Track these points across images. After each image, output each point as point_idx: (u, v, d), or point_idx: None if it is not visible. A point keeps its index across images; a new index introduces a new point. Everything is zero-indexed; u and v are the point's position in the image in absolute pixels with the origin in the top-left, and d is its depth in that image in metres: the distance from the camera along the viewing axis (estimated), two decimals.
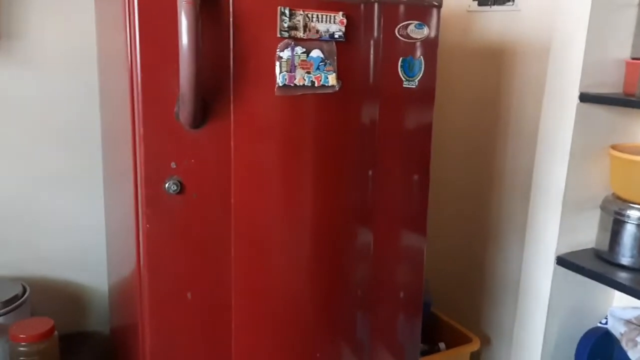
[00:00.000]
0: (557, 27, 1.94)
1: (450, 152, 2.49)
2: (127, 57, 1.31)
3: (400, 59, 1.52)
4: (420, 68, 1.54)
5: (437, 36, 1.56)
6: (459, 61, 2.43)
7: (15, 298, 1.82)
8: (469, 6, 2.39)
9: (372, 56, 1.51)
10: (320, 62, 1.40)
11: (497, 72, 2.29)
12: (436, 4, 1.54)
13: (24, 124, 1.95)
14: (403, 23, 1.50)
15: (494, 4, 2.29)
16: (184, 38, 1.22)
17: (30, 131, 1.96)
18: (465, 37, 2.42)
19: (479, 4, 2.35)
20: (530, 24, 2.15)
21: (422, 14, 1.52)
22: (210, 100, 1.34)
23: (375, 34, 1.49)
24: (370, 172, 1.58)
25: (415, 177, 1.64)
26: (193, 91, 1.26)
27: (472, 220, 2.43)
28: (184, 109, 1.29)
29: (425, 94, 1.59)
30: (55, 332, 1.74)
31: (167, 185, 1.34)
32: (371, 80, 1.52)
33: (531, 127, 2.12)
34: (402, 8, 1.50)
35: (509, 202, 2.28)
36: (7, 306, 1.78)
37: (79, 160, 2.04)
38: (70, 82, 1.97)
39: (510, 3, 2.22)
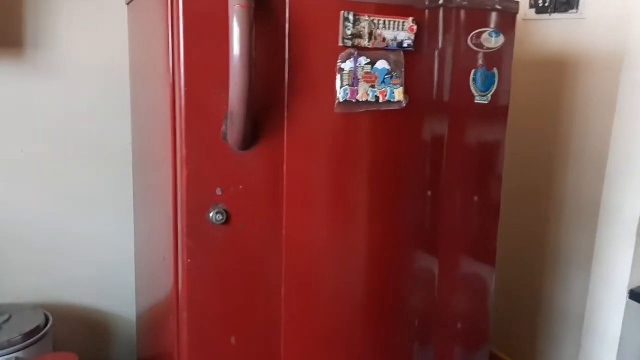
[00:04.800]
0: (632, 35, 1.76)
1: (504, 172, 2.31)
2: (169, 69, 1.17)
3: (472, 71, 1.35)
4: (494, 82, 1.37)
5: (512, 46, 1.39)
6: (514, 73, 2.25)
7: (37, 330, 1.69)
8: (525, 14, 2.21)
9: (438, 68, 1.34)
10: (386, 74, 1.23)
11: (557, 87, 2.11)
12: (512, 8, 1.37)
13: (50, 139, 1.84)
14: (476, 31, 1.33)
15: (554, 12, 2.11)
16: (236, 48, 1.07)
17: (56, 147, 1.85)
18: (520, 47, 2.23)
19: (537, 12, 2.17)
20: (598, 32, 1.96)
21: (497, 20, 1.36)
22: (261, 118, 1.18)
23: (445, 42, 1.32)
24: (429, 193, 1.41)
25: (485, 201, 1.48)
26: (244, 108, 1.11)
27: (531, 248, 2.24)
28: (233, 129, 1.14)
29: (498, 111, 1.42)
30: None
31: (211, 214, 1.19)
32: (438, 94, 1.35)
33: (598, 148, 1.93)
34: (474, 13, 1.34)
35: (572, 230, 2.08)
36: (29, 339, 1.66)
37: (107, 180, 1.92)
38: (99, 95, 1.86)
39: (574, 11, 2.04)
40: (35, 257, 1.87)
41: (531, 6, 2.18)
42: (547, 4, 2.13)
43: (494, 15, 1.36)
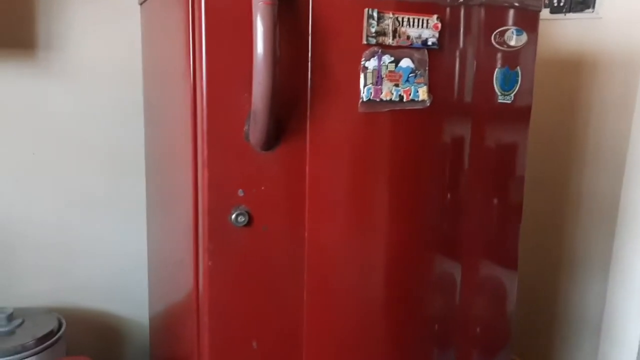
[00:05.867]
0: None
1: None
2: (190, 69, 1.15)
3: (495, 70, 1.32)
4: (517, 81, 1.35)
5: (535, 44, 1.36)
6: None
7: (51, 334, 1.67)
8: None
9: (461, 66, 1.32)
10: (410, 73, 1.21)
11: (574, 86, 2.08)
12: (535, 6, 1.35)
13: (61, 141, 1.81)
14: (500, 29, 1.30)
15: (569, 11, 2.09)
16: (260, 46, 1.05)
17: (67, 150, 1.82)
18: None
19: (552, 12, 2.15)
20: (615, 32, 1.94)
21: (519, 18, 1.33)
22: (284, 118, 1.16)
23: (468, 40, 1.30)
24: (449, 195, 1.39)
25: (507, 203, 1.45)
26: (267, 108, 1.08)
27: (545, 250, 2.21)
28: (256, 128, 1.11)
29: (521, 111, 1.39)
30: None
31: (233, 216, 1.16)
32: (461, 93, 1.33)
33: (616, 148, 1.91)
34: (497, 11, 1.31)
35: (588, 232, 2.05)
36: (42, 343, 1.63)
37: (120, 183, 1.89)
38: (111, 96, 1.84)
39: (590, 10, 2.02)
40: (48, 260, 1.85)
41: (545, 5, 2.15)
42: (562, 4, 2.11)
43: (516, 13, 1.34)
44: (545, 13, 2.16)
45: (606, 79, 1.97)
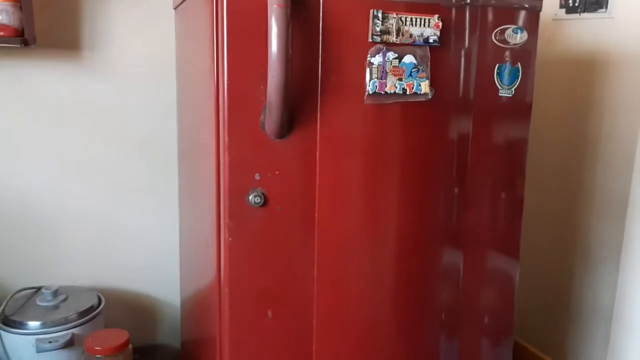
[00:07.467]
0: None
1: (534, 168, 2.34)
2: (213, 65, 1.27)
3: (497, 65, 1.41)
4: (517, 76, 1.44)
5: (535, 42, 1.45)
6: (543, 73, 2.29)
7: (91, 309, 1.82)
8: (555, 14, 2.25)
9: (463, 63, 1.42)
10: (413, 68, 1.32)
11: (587, 85, 2.14)
12: (535, 7, 1.44)
13: (104, 134, 1.97)
14: (500, 27, 1.40)
15: (583, 12, 2.15)
16: (274, 44, 1.17)
17: (109, 142, 1.98)
18: (551, 46, 2.28)
19: (567, 12, 2.21)
20: (627, 31, 1.99)
21: (520, 17, 1.42)
22: (296, 109, 1.28)
23: (470, 38, 1.40)
24: (456, 190, 1.48)
25: (509, 195, 1.52)
26: (281, 100, 1.20)
27: (558, 241, 2.27)
28: (271, 119, 1.24)
29: (522, 104, 1.47)
30: (130, 345, 1.71)
31: (250, 197, 1.28)
32: (464, 88, 1.42)
33: (628, 144, 1.96)
34: (498, 11, 1.40)
35: (601, 224, 2.10)
36: (83, 317, 1.79)
37: (156, 172, 2.04)
38: (149, 92, 1.99)
39: (603, 10, 2.07)
40: (90, 244, 2.01)
41: (561, 6, 2.22)
42: (577, 4, 2.16)
43: (518, 13, 1.42)
44: (561, 13, 2.22)
45: (618, 77, 2.02)
